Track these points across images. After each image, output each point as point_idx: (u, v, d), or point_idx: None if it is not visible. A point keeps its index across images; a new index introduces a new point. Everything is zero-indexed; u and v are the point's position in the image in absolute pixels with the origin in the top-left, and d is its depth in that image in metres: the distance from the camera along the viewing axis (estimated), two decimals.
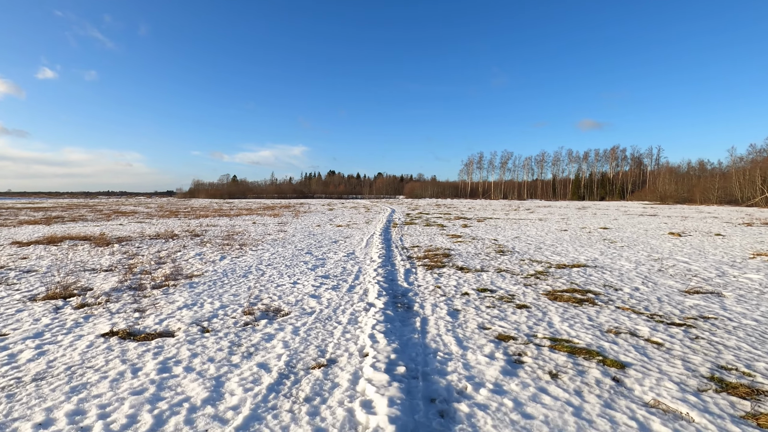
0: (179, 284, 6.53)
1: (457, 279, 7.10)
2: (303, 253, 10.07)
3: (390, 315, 4.78)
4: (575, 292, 6.10)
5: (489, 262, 8.87)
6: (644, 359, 3.60)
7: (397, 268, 8.12)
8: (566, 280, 7.07)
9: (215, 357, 3.59)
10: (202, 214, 27.33)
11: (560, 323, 4.61)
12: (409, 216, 26.92)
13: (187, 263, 8.56)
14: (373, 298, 5.60)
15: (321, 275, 7.35)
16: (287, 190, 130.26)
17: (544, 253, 10.29)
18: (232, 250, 10.42)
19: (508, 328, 4.44)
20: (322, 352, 3.71)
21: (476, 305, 5.40)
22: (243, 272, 7.60)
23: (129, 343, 3.90)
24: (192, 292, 5.96)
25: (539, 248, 11.29)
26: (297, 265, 8.37)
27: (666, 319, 4.78)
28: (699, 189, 63.14)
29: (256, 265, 8.39)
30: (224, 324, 4.52)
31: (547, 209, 38.88)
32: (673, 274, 7.61)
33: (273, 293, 6.00)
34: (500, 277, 7.33)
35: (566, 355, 3.69)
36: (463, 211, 34.92)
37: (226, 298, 5.68)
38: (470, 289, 6.30)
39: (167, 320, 4.62)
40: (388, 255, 9.89)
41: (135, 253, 10.05)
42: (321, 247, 11.39)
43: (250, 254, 9.85)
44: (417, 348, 3.85)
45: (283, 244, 11.93)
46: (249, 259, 9.06)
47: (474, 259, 9.27)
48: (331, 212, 31.26)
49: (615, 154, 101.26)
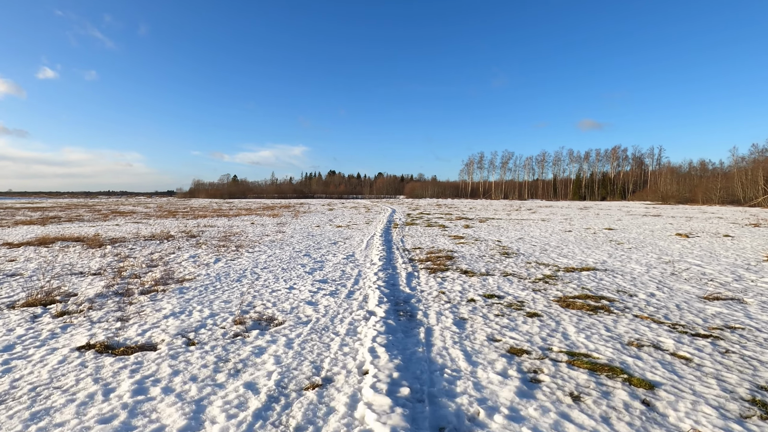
0: (169, 289, 6.18)
1: (461, 284, 6.74)
2: (301, 256, 9.72)
3: (392, 325, 4.43)
4: (588, 299, 5.74)
5: (494, 265, 8.52)
6: (674, 378, 3.25)
7: (399, 272, 7.77)
8: (577, 284, 6.71)
9: (198, 375, 3.24)
10: (200, 215, 27.00)
11: (576, 334, 4.26)
12: (410, 216, 26.56)
13: (180, 266, 8.21)
14: (374, 305, 5.25)
15: (319, 279, 6.99)
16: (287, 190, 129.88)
17: (550, 256, 9.93)
18: (227, 252, 10.07)
19: (520, 340, 4.09)
20: (317, 369, 3.36)
21: (484, 313, 5.04)
22: (237, 276, 7.25)
23: (105, 358, 3.55)
24: (181, 299, 5.61)
25: (545, 250, 10.93)
26: (294, 269, 8.02)
27: (690, 330, 4.43)
28: (701, 189, 62.74)
29: (251, 268, 8.04)
30: (212, 335, 4.17)
31: (549, 209, 38.52)
32: (687, 279, 7.26)
33: (267, 300, 5.65)
34: (507, 281, 6.97)
35: (587, 373, 3.33)
36: (464, 211, 34.56)
37: (217, 305, 5.33)
38: (476, 295, 5.94)
39: (151, 331, 4.27)
40: (389, 257, 9.54)
41: (127, 255, 9.71)
42: (320, 248, 11.04)
43: (246, 256, 9.50)
44: (422, 364, 3.50)
45: (280, 245, 11.59)
46: (244, 262, 8.71)
47: (478, 262, 8.91)
48: (330, 212, 30.92)
49: (616, 154, 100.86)
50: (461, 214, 28.71)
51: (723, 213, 31.13)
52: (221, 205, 47.10)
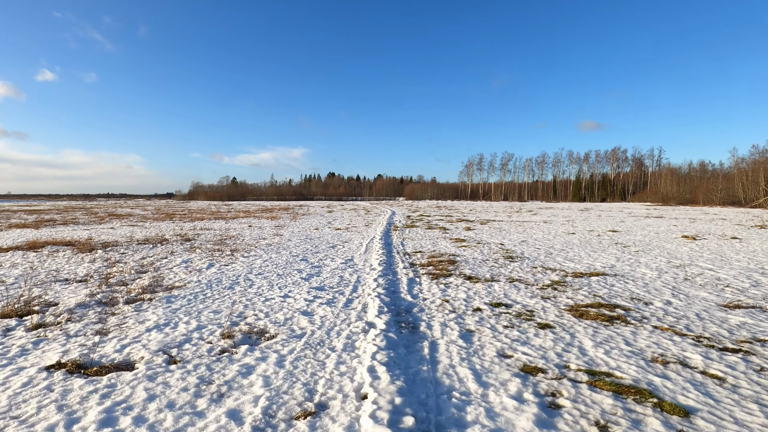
0: (156, 298, 5.82)
1: (466, 291, 6.39)
2: (298, 260, 9.36)
3: (393, 339, 4.08)
4: (602, 307, 5.39)
5: (499, 270, 8.17)
6: (709, 402, 2.90)
7: (400, 278, 7.42)
8: (587, 291, 6.37)
9: (177, 401, 2.88)
10: (197, 217, 26.64)
11: (594, 349, 3.91)
12: (410, 218, 26.22)
13: (171, 272, 7.85)
14: (373, 315, 4.89)
15: (315, 286, 6.64)
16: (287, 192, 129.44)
17: (556, 260, 9.59)
18: (222, 257, 9.72)
19: (534, 356, 3.74)
20: (311, 393, 3.01)
21: (492, 324, 4.69)
22: (230, 283, 6.89)
23: (76, 380, 3.20)
24: (168, 309, 5.26)
25: (550, 254, 10.59)
26: (290, 275, 7.67)
27: (716, 343, 4.08)
28: (702, 190, 62.49)
29: (245, 274, 7.69)
30: (197, 351, 3.81)
31: (550, 211, 38.19)
32: (702, 284, 6.92)
33: (260, 309, 5.29)
34: (514, 288, 6.62)
35: (611, 396, 2.99)
36: (464, 213, 34.22)
37: (205, 316, 4.98)
38: (482, 304, 5.59)
39: (131, 346, 3.92)
40: (389, 262, 9.19)
41: (117, 260, 9.35)
42: (317, 252, 10.69)
43: (240, 261, 9.15)
44: (427, 386, 3.15)
45: (277, 249, 11.23)
46: (239, 268, 8.36)
47: (482, 267, 8.57)
48: (330, 215, 30.57)
49: (616, 155, 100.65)
50: (462, 216, 28.37)
51: (725, 214, 30.82)
52: (220, 208, 46.73)
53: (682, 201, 63.34)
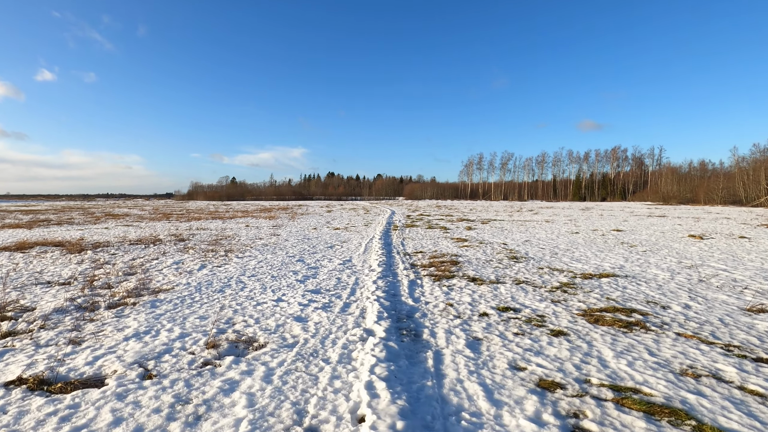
0: (140, 302, 5.45)
1: (470, 293, 6.03)
2: (294, 261, 8.99)
3: (393, 348, 3.71)
4: (617, 312, 5.03)
5: (504, 271, 7.81)
6: (756, 426, 2.54)
7: (400, 279, 7.06)
8: (599, 294, 6.00)
9: (146, 425, 2.52)
10: (195, 217, 26.27)
11: (615, 360, 3.55)
12: (410, 218, 25.85)
13: (160, 274, 7.48)
14: (372, 321, 4.53)
15: (311, 289, 6.27)
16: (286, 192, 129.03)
17: (562, 260, 9.23)
18: (215, 258, 9.35)
19: (550, 369, 3.38)
20: (300, 415, 2.64)
21: (500, 331, 4.33)
22: (221, 286, 6.52)
23: (35, 399, 2.84)
24: (151, 314, 4.89)
25: (555, 254, 10.23)
26: (285, 276, 7.30)
27: (748, 353, 3.72)
28: (703, 189, 62.21)
29: (238, 276, 7.32)
30: (176, 364, 3.45)
31: (551, 210, 37.84)
32: (719, 286, 6.56)
33: (250, 315, 4.93)
34: (521, 290, 6.26)
35: (643, 418, 2.63)
36: (464, 212, 33.86)
37: (190, 322, 4.61)
38: (489, 308, 5.23)
39: (104, 358, 3.55)
40: (389, 263, 8.82)
41: (106, 261, 8.98)
42: (315, 253, 10.32)
43: (234, 262, 8.78)
44: (432, 405, 2.79)
45: (273, 249, 10.86)
46: (231, 269, 7.99)
47: (486, 268, 8.20)
48: (329, 214, 30.20)
49: (616, 154, 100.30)
50: (462, 216, 28.02)
51: (728, 213, 30.50)
52: (218, 208, 46.33)
53: (683, 200, 63.07)
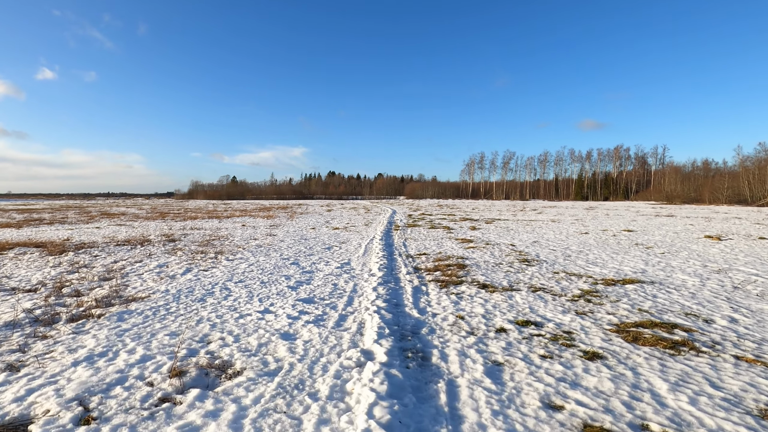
0: (107, 314, 4.78)
1: (483, 303, 5.35)
2: (288, 264, 8.31)
3: (397, 379, 3.03)
4: (656, 327, 4.34)
5: (517, 276, 7.13)
6: None
7: (403, 285, 6.38)
8: (629, 304, 5.32)
9: None
10: (191, 216, 25.62)
11: (672, 395, 2.87)
12: (411, 217, 25.17)
13: (139, 279, 6.81)
14: (371, 340, 3.85)
15: (303, 298, 5.59)
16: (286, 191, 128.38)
17: (577, 263, 8.54)
18: (203, 261, 8.68)
19: (595, 408, 2.69)
20: None
21: (524, 353, 3.65)
22: (203, 293, 5.85)
23: None
24: (115, 330, 4.21)
25: (568, 256, 9.54)
26: (276, 282, 6.62)
27: None
28: (708, 189, 61.50)
29: (224, 281, 6.65)
30: (127, 400, 2.77)
31: (555, 210, 37.12)
32: (760, 295, 5.87)
33: (230, 330, 4.25)
34: (539, 299, 5.57)
35: None
36: (467, 212, 33.16)
37: (158, 340, 3.93)
38: (506, 322, 4.55)
39: (40, 392, 2.88)
40: (391, 266, 8.14)
41: (85, 264, 8.31)
42: (311, 255, 9.64)
43: (223, 266, 8.10)
44: None
45: (267, 251, 10.19)
46: (219, 273, 7.31)
47: (497, 272, 7.52)
48: (328, 213, 29.53)
49: (618, 153, 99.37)
50: (465, 215, 27.32)
51: (737, 213, 29.75)
52: (217, 207, 45.69)
53: (687, 200, 62.28)
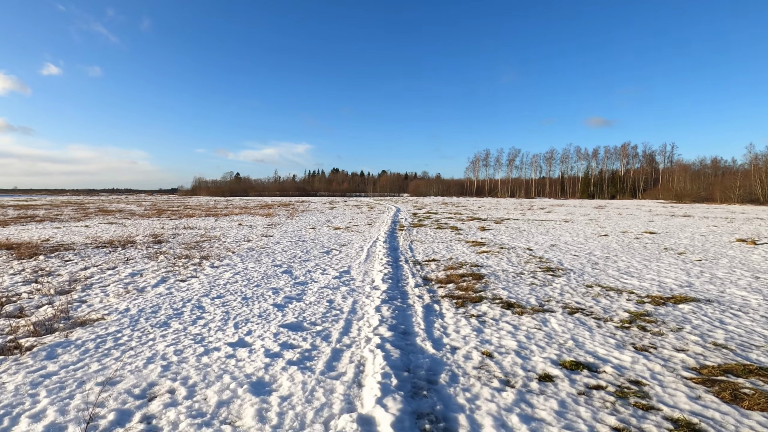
0: (37, 347, 3.78)
1: (512, 332, 4.30)
2: (279, 273, 7.30)
3: None
4: (752, 375, 3.26)
5: (544, 291, 6.07)
6: None
7: (412, 303, 5.35)
8: (696, 335, 4.24)
9: None
10: (188, 214, 24.69)
11: None
12: (417, 216, 24.12)
13: (101, 293, 5.81)
14: (373, 397, 2.81)
15: (290, 323, 4.55)
16: (290, 188, 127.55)
17: (608, 273, 7.47)
18: (184, 268, 7.68)
19: None
20: None
21: (589, 423, 2.60)
22: (169, 314, 4.83)
23: None
24: (34, 375, 3.19)
25: (595, 264, 8.47)
26: (261, 298, 5.60)
27: None
28: (719, 187, 59.97)
29: (199, 296, 5.63)
30: None
31: (564, 208, 35.93)
32: None
33: (185, 376, 3.22)
34: (581, 325, 4.52)
35: None
36: (473, 210, 32.05)
37: (82, 395, 2.89)
38: (549, 363, 3.50)
39: None
40: (396, 275, 7.11)
41: (50, 271, 7.34)
42: (307, 260, 8.63)
43: (205, 274, 7.10)
44: None
45: (259, 256, 9.18)
46: (197, 285, 6.31)
47: (520, 285, 6.47)
48: (331, 211, 28.52)
49: (626, 151, 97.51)
50: (472, 214, 26.22)
51: (755, 213, 28.47)
52: (218, 203, 44.83)
53: (697, 198, 60.82)
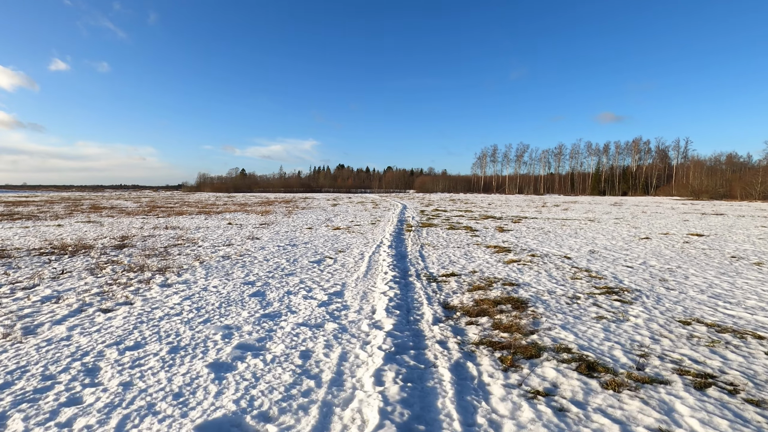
0: None
1: None
2: (246, 297, 5.39)
3: None
4: None
5: (625, 332, 4.11)
6: None
7: (433, 362, 3.42)
8: None
9: None
10: (180, 211, 22.91)
11: None
12: (425, 214, 22.14)
13: None
14: None
15: (219, 419, 2.65)
16: (294, 184, 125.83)
17: (691, 296, 5.48)
18: (124, 287, 5.81)
19: None
20: None
21: None
22: (23, 394, 2.96)
23: None
24: None
25: (662, 280, 6.50)
26: (198, 348, 3.68)
27: None
28: (740, 184, 57.21)
29: (105, 347, 3.72)
30: None
31: (580, 206, 33.70)
32: None
33: None
34: (739, 422, 2.58)
35: None
36: (484, 207, 29.97)
37: None
38: None
39: None
40: (406, 301, 5.18)
41: None
42: (291, 274, 6.73)
43: (143, 300, 5.21)
44: None
45: (231, 267, 7.29)
46: (118, 321, 4.41)
47: (583, 319, 4.50)
48: (333, 209, 26.63)
49: (638, 146, 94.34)
50: (484, 212, 24.18)
51: None
52: (219, 200, 43.17)
53: (715, 195, 58.20)
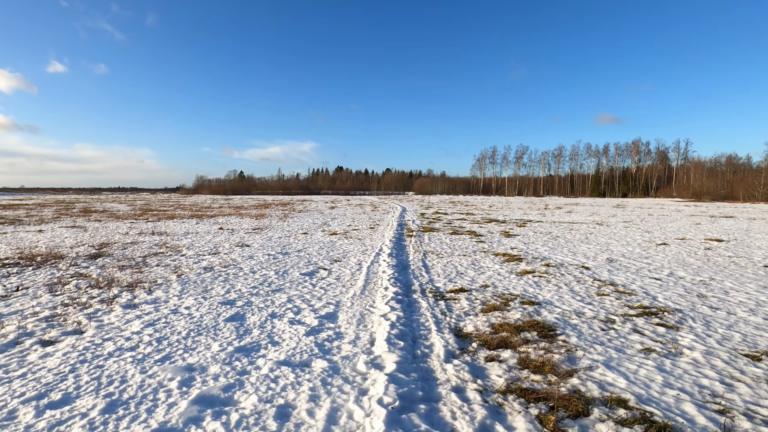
0: None
1: None
2: (222, 321, 4.56)
3: None
4: None
5: (685, 373, 3.30)
6: None
7: (453, 423, 2.61)
8: None
9: None
10: (172, 215, 22.05)
11: None
12: (425, 217, 21.34)
13: None
14: None
15: None
16: (293, 186, 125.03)
17: (740, 316, 4.68)
18: (82, 308, 4.97)
19: None
20: None
21: None
22: None
23: None
24: None
25: (701, 296, 5.70)
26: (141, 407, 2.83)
27: None
28: (742, 185, 56.61)
29: (14, 407, 2.91)
30: None
31: (583, 208, 32.97)
32: None
33: None
34: None
35: None
36: (485, 210, 29.18)
37: None
38: None
39: None
40: (411, 328, 4.36)
41: None
42: (278, 290, 5.91)
43: (98, 326, 4.38)
44: None
45: (212, 281, 6.45)
46: (52, 362, 3.56)
47: (627, 353, 3.68)
48: (331, 212, 25.81)
49: (638, 147, 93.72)
50: (486, 215, 23.38)
51: None
52: (215, 202, 42.36)
53: (716, 197, 57.59)
